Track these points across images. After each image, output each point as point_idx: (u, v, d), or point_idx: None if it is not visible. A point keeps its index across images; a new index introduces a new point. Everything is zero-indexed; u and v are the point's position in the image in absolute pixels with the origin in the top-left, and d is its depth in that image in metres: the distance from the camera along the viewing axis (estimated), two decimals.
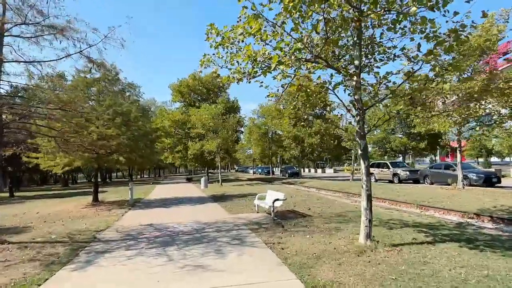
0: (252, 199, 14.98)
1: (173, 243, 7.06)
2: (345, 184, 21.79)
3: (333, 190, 19.22)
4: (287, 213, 10.46)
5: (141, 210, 12.94)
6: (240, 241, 6.92)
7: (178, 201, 15.79)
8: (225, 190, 21.15)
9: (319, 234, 7.13)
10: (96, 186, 15.74)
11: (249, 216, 10.14)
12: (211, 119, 24.41)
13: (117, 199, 18.15)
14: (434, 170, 20.20)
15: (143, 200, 17.49)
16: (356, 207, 11.30)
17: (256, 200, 11.08)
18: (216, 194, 18.80)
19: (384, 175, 24.88)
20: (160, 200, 16.78)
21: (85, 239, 7.81)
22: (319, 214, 9.97)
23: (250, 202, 13.94)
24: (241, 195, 17.20)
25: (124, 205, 14.96)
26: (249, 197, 15.82)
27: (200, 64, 6.97)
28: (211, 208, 12.67)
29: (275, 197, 9.99)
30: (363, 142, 5.76)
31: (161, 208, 13.34)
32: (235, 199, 15.59)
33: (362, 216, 5.79)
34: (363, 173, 5.75)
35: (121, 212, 12.43)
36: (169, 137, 31.22)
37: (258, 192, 18.06)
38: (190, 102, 32.21)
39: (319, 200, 13.69)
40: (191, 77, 32.32)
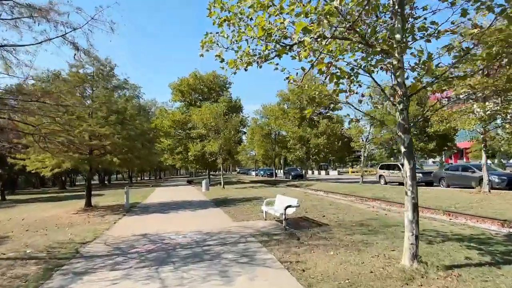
0: (257, 203, 13.79)
1: (169, 260, 5.87)
2: (355, 187, 20.57)
3: (344, 193, 17.99)
4: (300, 221, 9.25)
5: (136, 217, 11.74)
6: (249, 259, 5.72)
7: (178, 206, 14.61)
8: (227, 194, 19.95)
9: (344, 249, 5.92)
10: (89, 190, 14.57)
11: (256, 225, 8.94)
12: (213, 119, 23.25)
13: (113, 203, 16.97)
14: (450, 172, 18.94)
15: (140, 204, 16.31)
16: (376, 214, 10.08)
17: (264, 206, 9.87)
18: (218, 198, 17.61)
19: (394, 177, 23.61)
20: (158, 205, 15.60)
21: (65, 254, 6.62)
22: (337, 222, 8.75)
23: (255, 207, 12.74)
24: (245, 199, 16.00)
25: (119, 210, 13.78)
26: (254, 202, 14.63)
27: (201, 46, 5.80)
28: (214, 214, 11.47)
29: (286, 203, 8.79)
30: (407, 137, 4.55)
31: (158, 214, 12.14)
32: (239, 203, 14.39)
33: (407, 231, 4.58)
34: (407, 176, 4.54)
35: (114, 218, 11.24)
36: (169, 137, 30.08)
37: (264, 196, 16.92)
38: (190, 102, 31.05)
39: (332, 205, 12.47)
40: (192, 75, 31.18)
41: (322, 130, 29.04)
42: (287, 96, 31.62)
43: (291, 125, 29.94)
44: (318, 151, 29.47)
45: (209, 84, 31.49)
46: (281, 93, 32.23)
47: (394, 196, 14.82)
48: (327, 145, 29.24)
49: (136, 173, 77.81)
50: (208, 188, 23.93)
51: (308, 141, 29.64)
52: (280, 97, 32.60)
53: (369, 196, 15.86)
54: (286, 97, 31.87)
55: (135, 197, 21.11)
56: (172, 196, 20.20)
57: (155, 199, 18.71)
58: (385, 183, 24.56)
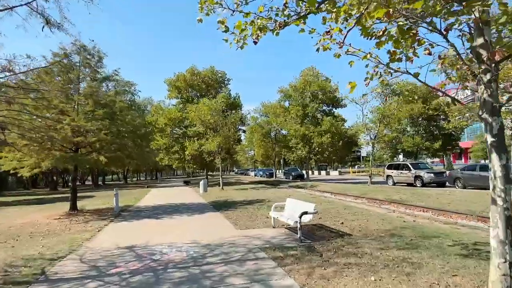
0: (261, 207, 12.42)
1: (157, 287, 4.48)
2: (364, 188, 19.25)
3: (354, 195, 16.64)
4: (315, 229, 7.89)
5: (125, 223, 10.32)
6: (264, 286, 4.34)
7: (173, 209, 13.20)
8: (227, 195, 18.55)
9: (387, 272, 4.55)
10: (74, 192, 13.10)
11: (264, 234, 7.56)
12: (211, 115, 21.84)
13: (102, 206, 15.52)
14: (467, 172, 17.65)
15: (132, 207, 14.88)
16: (403, 220, 8.71)
17: (273, 212, 8.48)
18: (218, 200, 16.21)
19: (403, 177, 22.34)
20: (152, 208, 14.18)
21: (27, 275, 5.21)
22: (361, 231, 7.39)
23: (260, 211, 11.37)
24: (246, 202, 14.62)
25: (107, 215, 12.35)
26: (256, 205, 13.25)
27: (200, 7, 4.43)
28: (213, 220, 10.07)
29: (300, 208, 7.42)
30: (496, 120, 3.17)
31: (150, 220, 10.73)
32: (240, 207, 13.00)
33: (495, 256, 3.22)
34: (496, 177, 3.17)
35: (99, 225, 9.82)
36: (165, 136, 28.62)
37: (267, 198, 15.54)
38: (187, 99, 29.57)
39: (347, 209, 11.10)
40: (189, 71, 29.71)
41: (326, 128, 27.68)
42: (289, 92, 30.28)
43: (293, 123, 28.56)
44: (322, 150, 28.13)
45: (207, 80, 30.04)
46: (282, 89, 30.87)
47: (411, 198, 13.50)
48: (331, 144, 27.92)
49: (132, 173, 76.13)
50: (206, 189, 22.52)
51: (311, 139, 28.27)
52: (281, 93, 31.25)
53: (382, 198, 14.53)
54: (287, 93, 30.51)
55: (128, 199, 19.67)
56: (167, 198, 18.78)
57: (149, 202, 17.29)
58: (393, 183, 23.28)
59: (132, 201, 18.14)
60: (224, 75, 31.37)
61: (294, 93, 29.35)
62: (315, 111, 28.51)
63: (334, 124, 27.97)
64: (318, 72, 29.53)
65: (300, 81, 29.36)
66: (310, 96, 28.24)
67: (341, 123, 28.65)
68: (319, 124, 28.68)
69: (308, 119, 30.24)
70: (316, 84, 28.19)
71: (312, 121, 29.47)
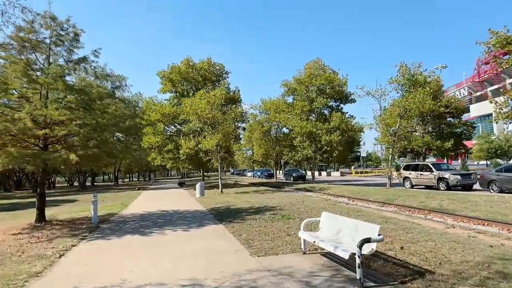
0: (273, 217, 10.01)
1: None
2: (387, 192, 16.91)
3: (378, 201, 14.28)
4: (369, 258, 5.46)
5: (100, 242, 7.82)
6: None
7: (165, 220, 10.73)
8: (228, 201, 16.09)
9: None
10: (41, 200, 10.49)
11: (296, 267, 5.16)
12: (209, 110, 19.34)
13: (80, 214, 12.97)
14: (505, 174, 15.39)
15: (116, 216, 12.37)
16: (490, 245, 6.28)
17: (303, 232, 6.04)
18: (218, 207, 13.75)
19: (424, 179, 20.08)
20: (139, 218, 11.69)
21: None
22: (442, 265, 4.97)
23: (275, 224, 8.98)
24: (254, 210, 12.19)
25: (81, 227, 9.84)
26: (268, 214, 10.84)
27: None
28: (217, 239, 7.62)
29: (351, 229, 5.04)
30: None
31: (134, 237, 8.24)
32: (248, 217, 10.57)
33: None
34: None
35: (65, 246, 7.31)
36: (157, 134, 26.01)
37: (276, 204, 12.91)
38: (182, 93, 26.97)
39: (389, 223, 8.70)
40: (184, 63, 27.09)
41: (335, 125, 25.29)
42: (293, 86, 27.84)
43: (298, 119, 26.17)
44: (331, 149, 25.75)
45: (204, 73, 27.51)
46: (286, 83, 28.40)
47: (454, 206, 11.17)
48: (341, 142, 25.57)
49: (124, 174, 73.16)
50: (203, 192, 20.04)
51: (318, 137, 25.83)
52: (284, 87, 28.78)
53: (416, 205, 12.20)
54: (291, 87, 28.07)
55: (114, 204, 17.12)
56: (159, 204, 16.26)
57: (137, 208, 14.76)
58: (411, 186, 21.02)
59: (118, 207, 15.60)
60: (223, 68, 28.85)
61: (299, 87, 26.94)
62: (323, 107, 26.13)
63: (344, 121, 25.62)
64: (324, 65, 27.24)
65: (305, 74, 27.00)
66: (317, 90, 25.84)
67: (351, 119, 26.36)
68: (327, 120, 26.27)
69: (314, 115, 27.86)
70: (323, 77, 25.83)
71: (319, 118, 27.08)
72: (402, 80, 17.98)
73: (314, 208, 11.78)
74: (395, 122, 18.33)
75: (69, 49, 11.37)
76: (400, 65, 18.09)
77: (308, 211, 11.23)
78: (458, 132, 36.95)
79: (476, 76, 68.77)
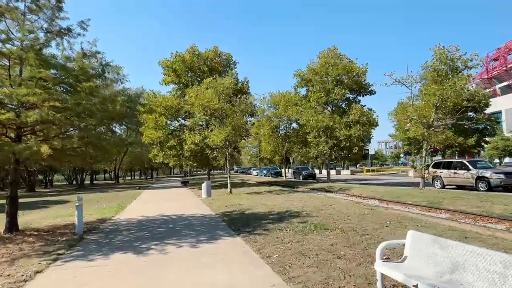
0: (304, 227, 7.78)
1: None
2: (422, 194, 14.71)
3: (419, 205, 12.04)
4: None
5: (79, 265, 5.69)
6: None
7: (168, 229, 8.59)
8: (240, 203, 13.93)
9: None
10: (12, 204, 8.34)
11: None
12: (216, 101, 17.16)
13: (64, 220, 10.83)
14: None
15: (108, 222, 10.26)
16: None
17: (382, 265, 3.83)
18: (231, 211, 11.59)
19: (458, 178, 17.86)
20: (136, 225, 9.57)
21: None
22: None
23: (310, 237, 6.80)
24: (275, 216, 10.01)
25: (60, 239, 7.73)
26: (295, 222, 8.67)
27: None
28: (239, 263, 5.46)
29: (498, 273, 2.83)
30: None
31: (126, 256, 6.11)
32: (271, 225, 8.40)
33: None
34: None
35: (26, 272, 5.20)
36: (159, 128, 23.86)
37: (300, 208, 10.23)
38: (186, 84, 24.81)
39: (473, 239, 6.49)
40: (189, 51, 24.89)
41: (355, 118, 22.98)
42: (307, 76, 25.51)
43: (313, 112, 23.86)
44: (350, 145, 23.45)
45: (210, 63, 25.32)
46: (300, 73, 26.08)
47: None
48: (361, 137, 23.29)
49: (125, 172, 71.16)
50: (210, 193, 17.91)
51: (334, 132, 23.47)
52: (297, 78, 26.45)
53: (476, 211, 9.96)
54: (305, 77, 25.74)
55: (109, 206, 15.03)
56: (161, 206, 14.16)
57: (135, 212, 12.65)
58: (442, 186, 18.80)
59: (113, 210, 13.51)
60: (230, 58, 26.61)
61: (314, 77, 24.65)
62: (340, 98, 23.80)
63: (365, 114, 23.31)
64: (340, 54, 24.95)
65: (319, 63, 24.71)
66: (334, 80, 23.52)
67: (371, 112, 24.04)
68: (346, 113, 23.94)
69: (329, 108, 25.52)
70: (341, 66, 23.51)
71: (337, 110, 24.73)
72: (439, 64, 15.73)
73: (350, 215, 9.59)
74: (429, 113, 16.06)
75: (50, 19, 9.24)
76: (437, 48, 15.80)
77: (345, 218, 9.05)
78: (480, 128, 34.62)
79: (484, 73, 65.97)
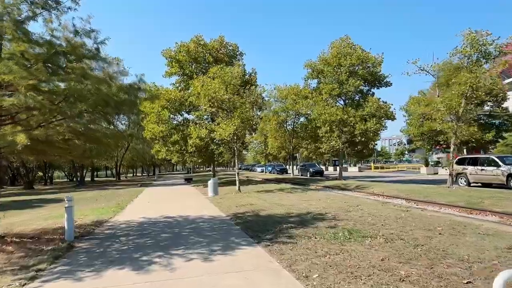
0: (336, 233, 6.36)
1: None
2: (453, 192, 13.37)
3: (457, 205, 10.70)
4: None
5: (61, 285, 4.39)
6: None
7: (173, 235, 7.28)
8: (252, 202, 12.61)
9: None
10: None
11: None
12: (224, 91, 15.81)
13: (56, 223, 9.56)
14: None
15: (104, 225, 9.00)
16: None
17: None
18: (243, 212, 10.26)
19: (486, 176, 16.47)
20: (136, 229, 8.29)
21: None
22: None
23: (348, 247, 5.44)
24: (296, 219, 8.68)
25: (45, 248, 6.46)
26: (321, 227, 7.36)
27: None
28: (268, 286, 4.14)
29: None
30: None
31: (125, 272, 4.81)
32: (294, 231, 7.07)
33: None
34: None
35: None
36: (162, 123, 22.56)
37: (322, 210, 8.57)
38: (191, 75, 23.45)
39: None
40: (194, 41, 23.52)
41: (371, 111, 21.56)
42: (319, 67, 24.03)
43: (325, 105, 22.43)
44: (366, 139, 22.07)
45: (215, 53, 23.95)
46: (310, 63, 24.60)
47: None
48: (377, 132, 21.90)
49: (126, 168, 69.99)
50: (216, 191, 16.62)
51: (348, 126, 22.05)
52: (308, 68, 24.97)
53: None
54: (316, 68, 24.26)
55: (108, 206, 13.77)
56: (164, 206, 12.90)
57: (136, 212, 11.38)
58: (467, 184, 17.42)
59: (112, 209, 12.25)
60: (237, 48, 25.20)
61: (326, 68, 23.20)
62: (354, 90, 22.33)
63: (382, 106, 21.88)
64: (353, 43, 23.50)
65: (332, 53, 23.24)
66: (347, 71, 22.06)
67: (388, 105, 22.59)
68: (360, 106, 22.49)
69: (342, 101, 24.04)
70: (355, 56, 22.07)
71: (351, 103, 23.28)
72: (470, 50, 14.29)
73: (385, 218, 8.25)
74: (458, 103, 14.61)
75: None
76: (468, 32, 14.34)
77: (382, 222, 7.70)
78: (496, 122, 33.10)
79: None
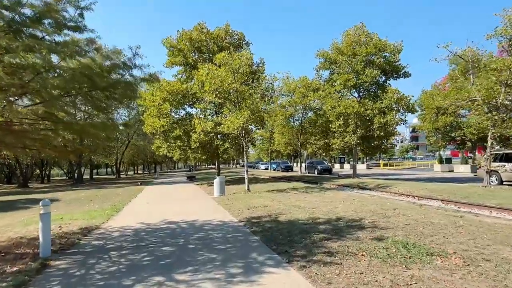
0: (387, 248, 4.60)
1: None
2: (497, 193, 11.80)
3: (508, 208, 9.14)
4: None
5: None
6: None
7: (177, 248, 5.72)
8: (265, 204, 11.03)
9: None
10: None
11: None
12: (232, 79, 14.23)
13: (37, 229, 8.03)
14: None
15: (94, 232, 7.46)
16: None
17: None
18: (258, 217, 8.70)
19: None
20: (132, 239, 6.74)
21: None
22: None
23: (420, 273, 3.78)
24: (325, 226, 7.12)
25: (10, 269, 4.92)
26: (364, 239, 5.80)
27: None
28: None
29: None
30: None
31: None
32: (329, 243, 5.52)
33: None
34: None
35: None
36: (163, 117, 20.98)
37: (351, 214, 6.83)
38: (194, 65, 21.85)
39: None
40: (197, 28, 21.89)
41: (390, 103, 19.89)
42: (332, 56, 22.28)
43: (339, 98, 20.80)
44: (385, 134, 20.45)
45: (220, 42, 22.33)
46: (323, 52, 22.85)
47: None
48: (397, 125, 20.29)
49: (127, 166, 68.56)
50: (223, 190, 15.10)
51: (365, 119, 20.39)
52: (320, 58, 23.21)
53: None
54: (330, 57, 22.51)
55: (102, 207, 12.23)
56: (166, 208, 11.37)
57: (133, 216, 9.83)
58: (499, 182, 15.86)
59: (106, 212, 10.71)
60: (243, 37, 23.53)
61: (340, 58, 21.51)
62: (371, 81, 20.59)
63: (402, 98, 20.17)
64: (368, 31, 21.81)
65: (346, 41, 21.51)
66: (363, 61, 20.39)
67: (408, 97, 20.81)
68: (378, 97, 20.81)
69: (357, 93, 22.36)
70: (372, 44, 20.40)
71: (367, 95, 21.62)
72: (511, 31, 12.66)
73: (440, 227, 6.68)
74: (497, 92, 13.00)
75: None
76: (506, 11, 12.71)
77: (438, 231, 6.14)
78: None
79: None
